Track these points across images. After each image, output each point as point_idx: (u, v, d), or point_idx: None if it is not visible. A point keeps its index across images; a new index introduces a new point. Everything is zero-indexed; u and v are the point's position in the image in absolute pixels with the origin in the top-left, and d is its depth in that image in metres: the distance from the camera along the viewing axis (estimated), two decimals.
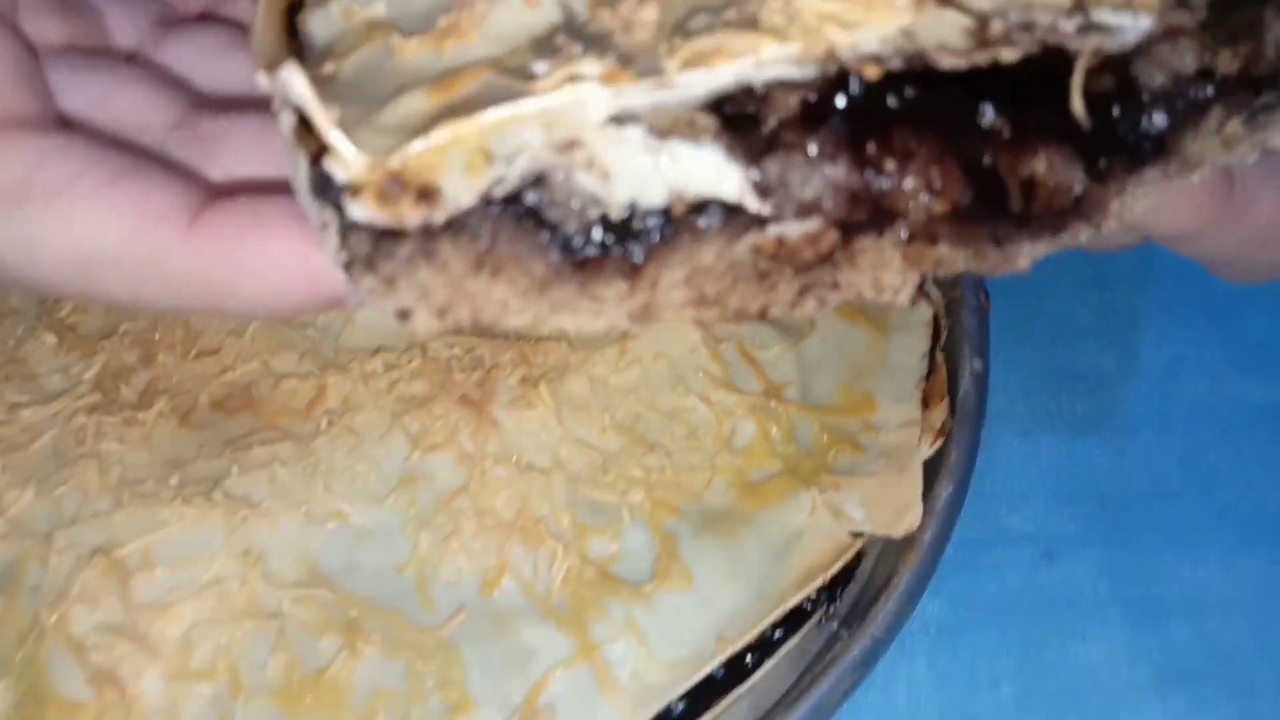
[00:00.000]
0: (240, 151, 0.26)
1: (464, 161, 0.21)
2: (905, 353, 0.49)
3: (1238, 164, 0.28)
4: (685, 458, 0.44)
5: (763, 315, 0.24)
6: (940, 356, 0.49)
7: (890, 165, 0.23)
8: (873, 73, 0.22)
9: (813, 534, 0.42)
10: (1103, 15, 0.23)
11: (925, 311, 0.51)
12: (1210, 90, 0.25)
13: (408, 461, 0.42)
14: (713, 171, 0.22)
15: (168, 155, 0.26)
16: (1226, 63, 0.25)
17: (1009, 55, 0.22)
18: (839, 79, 0.23)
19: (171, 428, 0.43)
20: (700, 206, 0.23)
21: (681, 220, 0.23)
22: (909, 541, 0.43)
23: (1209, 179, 0.28)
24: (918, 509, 0.43)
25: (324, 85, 0.23)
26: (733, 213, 0.23)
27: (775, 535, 0.42)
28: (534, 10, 0.24)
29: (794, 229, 0.23)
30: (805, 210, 0.23)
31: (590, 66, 0.21)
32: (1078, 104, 0.24)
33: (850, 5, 0.22)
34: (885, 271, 0.24)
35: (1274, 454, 0.51)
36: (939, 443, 0.45)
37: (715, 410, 0.45)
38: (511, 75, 0.22)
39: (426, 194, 0.21)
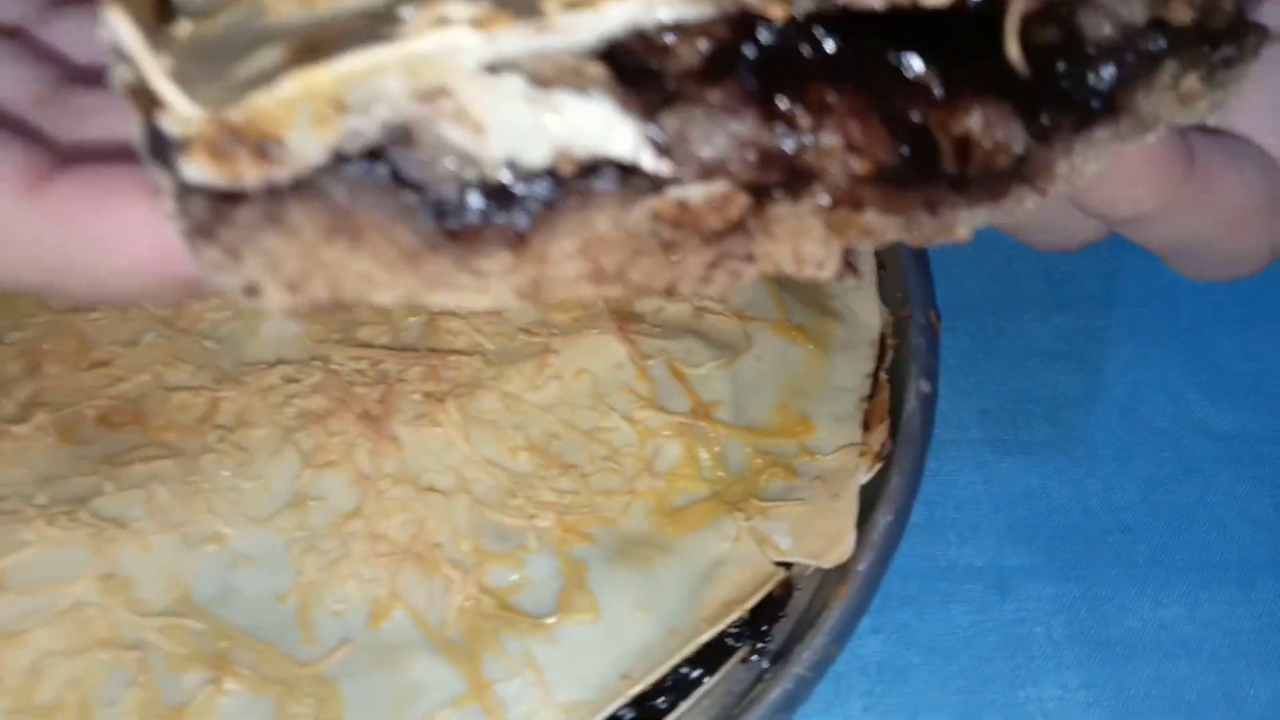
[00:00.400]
0: (110, 125, 0.24)
1: (313, 113, 0.19)
2: (847, 372, 0.46)
3: (1201, 143, 0.27)
4: (602, 480, 0.41)
5: (670, 291, 0.21)
6: (884, 377, 0.46)
7: (805, 121, 0.21)
8: (778, 13, 0.20)
9: (735, 563, 0.39)
10: None
11: (871, 329, 0.48)
12: (1162, 42, 0.23)
13: (298, 481, 0.39)
14: (602, 126, 0.20)
15: (31, 126, 0.24)
16: (1180, 13, 0.23)
17: None
18: (747, 24, 0.20)
19: (50, 443, 0.40)
20: (591, 167, 0.20)
21: (570, 182, 0.20)
22: (842, 573, 0.40)
23: (1168, 154, 0.26)
24: (850, 538, 0.40)
25: (187, 45, 0.21)
26: (629, 174, 0.20)
27: (694, 564, 0.39)
28: None
29: (697, 192, 0.21)
30: (709, 171, 0.20)
31: (460, 9, 0.19)
32: (1014, 50, 0.21)
33: None
34: (806, 241, 0.21)
35: (1241, 487, 0.48)
36: (877, 467, 0.42)
37: (638, 430, 0.42)
38: (381, 23, 0.20)
39: (267, 149, 0.19)
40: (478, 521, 0.39)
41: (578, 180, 0.20)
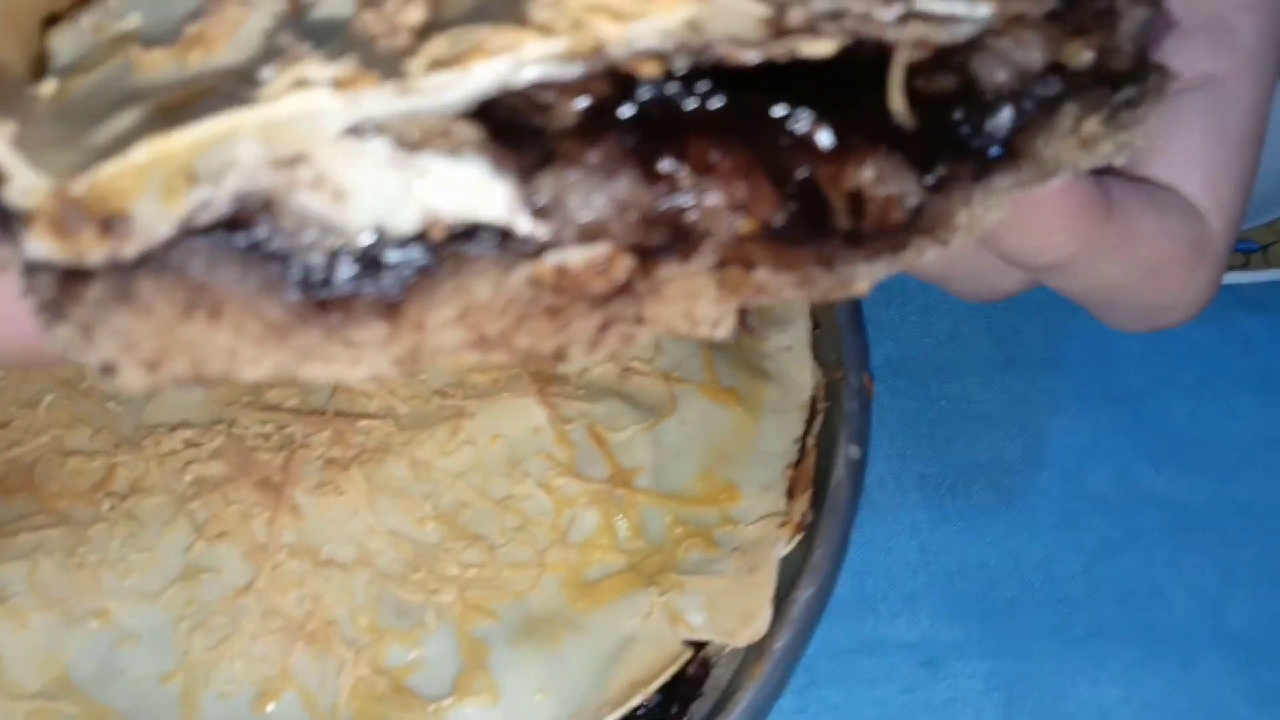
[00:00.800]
0: None
1: (163, 183, 0.18)
2: (776, 437, 0.45)
3: (1120, 191, 0.26)
4: (512, 552, 0.39)
5: (560, 357, 0.21)
6: (812, 443, 0.45)
7: (687, 180, 0.20)
8: (650, 70, 0.19)
9: (645, 641, 0.38)
10: (929, 3, 0.20)
11: (803, 391, 0.47)
12: (1060, 86, 0.22)
13: (190, 553, 0.38)
14: (474, 189, 0.19)
15: None
16: (1077, 56, 0.23)
17: (815, 48, 0.19)
18: (626, 82, 0.19)
19: None
20: (467, 232, 0.20)
21: (444, 248, 0.19)
22: (759, 650, 0.39)
23: (1085, 200, 0.26)
24: (765, 615, 0.39)
25: (49, 105, 0.20)
26: (506, 239, 0.20)
27: (603, 642, 0.38)
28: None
29: (577, 256, 0.20)
30: (588, 234, 0.20)
31: (320, 69, 0.18)
32: (897, 102, 0.21)
33: None
34: (698, 302, 0.21)
35: (1184, 558, 0.47)
36: (798, 539, 0.41)
37: (554, 498, 0.41)
38: (243, 84, 0.19)
39: (112, 223, 0.18)
40: (377, 596, 0.38)
41: (452, 245, 0.20)
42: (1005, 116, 0.22)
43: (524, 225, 0.19)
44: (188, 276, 0.19)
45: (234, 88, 0.19)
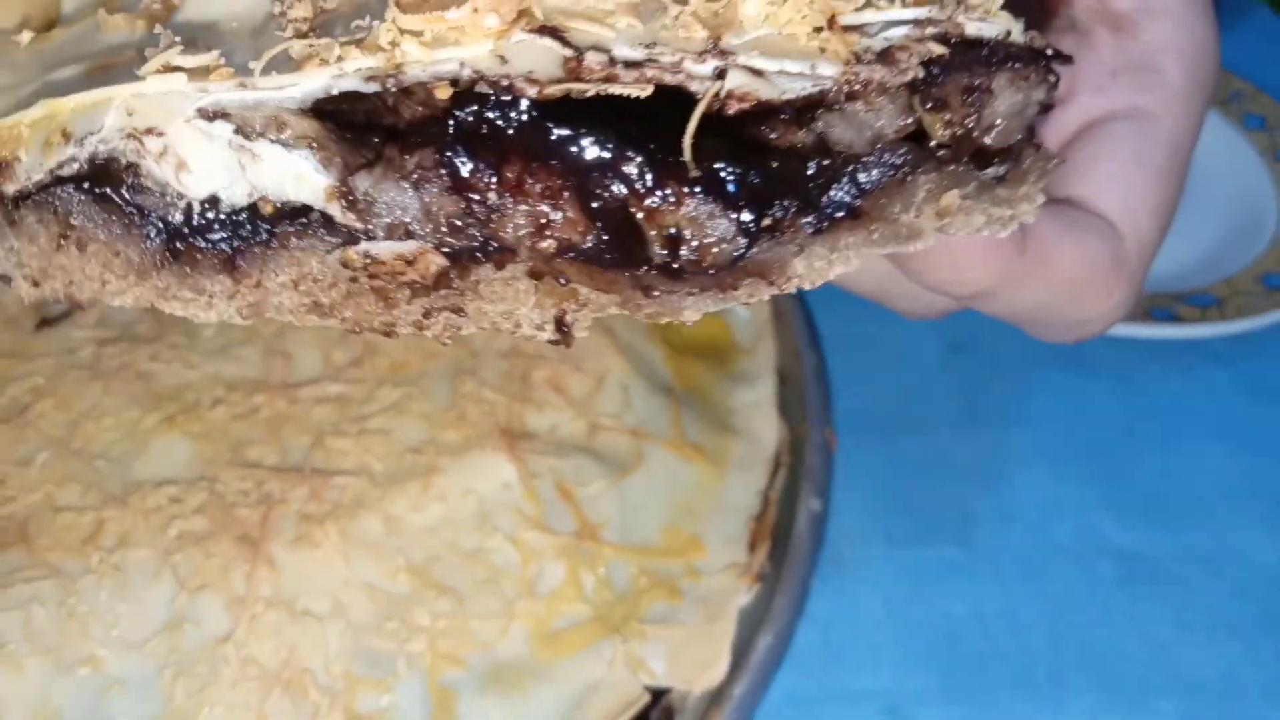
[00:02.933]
0: None
1: (45, 138, 0.23)
2: (741, 490, 0.49)
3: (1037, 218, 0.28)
4: (480, 603, 0.43)
5: (389, 332, 0.25)
6: (773, 496, 0.48)
7: (495, 196, 0.23)
8: (442, 95, 0.23)
9: (608, 689, 0.41)
10: (756, 60, 0.23)
11: (768, 447, 0.50)
12: (910, 156, 0.24)
13: (173, 605, 0.41)
14: (297, 178, 0.24)
15: None
16: (937, 129, 0.24)
17: (622, 89, 0.22)
18: (466, 97, 0.23)
19: None
20: (299, 212, 0.24)
21: (277, 223, 0.24)
22: (719, 696, 0.41)
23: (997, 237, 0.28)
24: (723, 663, 0.42)
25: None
26: (330, 223, 0.24)
27: (567, 690, 0.41)
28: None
29: (385, 249, 0.24)
30: (395, 231, 0.24)
31: (187, 59, 0.23)
32: (687, 150, 0.23)
33: (440, 25, 0.22)
34: (519, 305, 0.24)
35: (1142, 609, 0.49)
36: (757, 589, 0.44)
37: (522, 551, 0.44)
38: (140, 61, 0.24)
39: (6, 164, 0.24)
40: (351, 646, 0.41)
41: (285, 222, 0.24)
42: (851, 178, 0.24)
43: (338, 214, 0.24)
44: (59, 215, 0.24)
45: (138, 63, 0.24)
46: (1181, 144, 0.32)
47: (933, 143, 0.25)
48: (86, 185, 0.24)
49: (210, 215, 0.24)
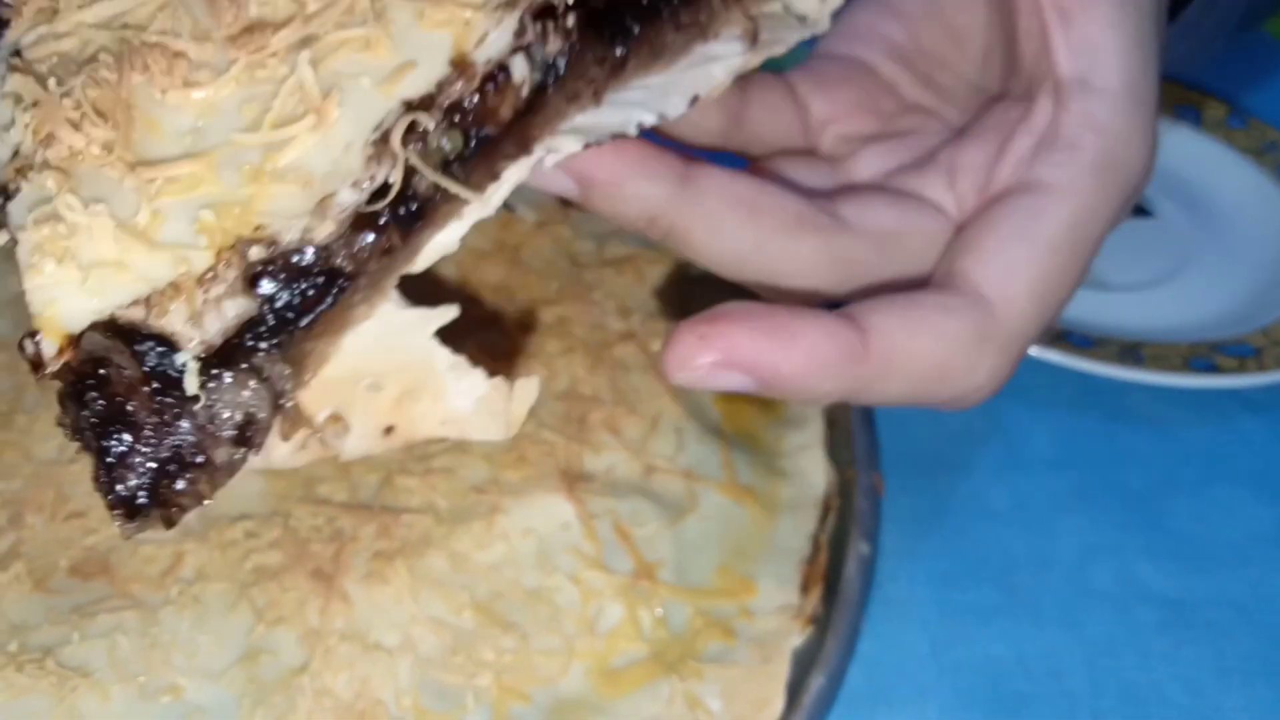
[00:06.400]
0: None
1: None
2: (792, 533, 0.51)
3: (876, 319, 0.32)
4: (542, 640, 0.45)
5: None
6: (824, 539, 0.51)
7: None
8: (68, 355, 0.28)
9: None
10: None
11: (817, 489, 0.53)
12: None
13: (250, 636, 0.44)
14: None
15: None
16: None
17: None
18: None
19: (24, 591, 0.45)
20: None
21: None
22: None
23: (835, 351, 0.31)
24: (778, 703, 0.44)
25: None
26: None
27: None
28: None
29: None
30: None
31: None
32: None
33: None
34: None
35: (1183, 654, 0.52)
36: (809, 631, 0.47)
37: (581, 590, 0.47)
38: None
39: None
40: (420, 679, 0.43)
41: None
42: None
43: None
44: None
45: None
46: (1082, 221, 0.34)
47: None
48: None
49: None
